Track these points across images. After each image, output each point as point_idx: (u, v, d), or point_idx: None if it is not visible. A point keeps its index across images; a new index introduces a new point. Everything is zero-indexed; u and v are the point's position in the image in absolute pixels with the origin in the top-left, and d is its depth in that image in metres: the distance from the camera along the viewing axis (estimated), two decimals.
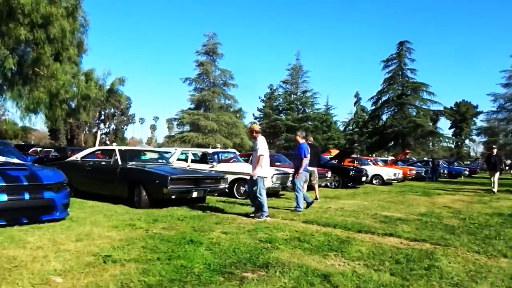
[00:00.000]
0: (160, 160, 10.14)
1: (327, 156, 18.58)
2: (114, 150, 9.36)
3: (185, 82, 34.58)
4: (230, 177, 10.61)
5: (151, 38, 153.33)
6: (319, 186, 13.19)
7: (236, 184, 10.81)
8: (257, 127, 7.76)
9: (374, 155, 43.53)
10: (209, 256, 4.34)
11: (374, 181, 17.74)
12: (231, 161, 12.40)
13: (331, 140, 56.10)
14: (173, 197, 7.86)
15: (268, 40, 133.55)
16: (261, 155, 7.12)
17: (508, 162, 42.41)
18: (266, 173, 7.38)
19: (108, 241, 4.92)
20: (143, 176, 8.30)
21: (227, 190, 10.59)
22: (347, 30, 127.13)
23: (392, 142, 45.47)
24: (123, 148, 9.96)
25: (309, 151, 8.63)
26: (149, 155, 10.57)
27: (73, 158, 10.54)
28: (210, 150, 13.38)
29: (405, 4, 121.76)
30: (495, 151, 15.04)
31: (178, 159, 12.76)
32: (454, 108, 72.76)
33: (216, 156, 12.45)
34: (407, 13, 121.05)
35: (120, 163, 8.81)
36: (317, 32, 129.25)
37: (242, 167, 11.18)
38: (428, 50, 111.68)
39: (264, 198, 7.09)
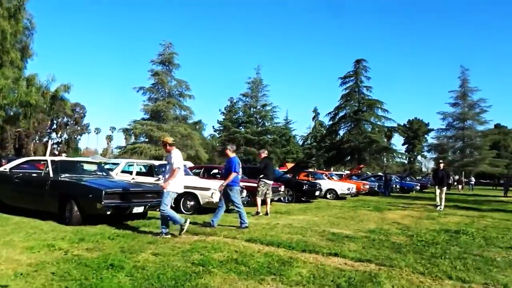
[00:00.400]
0: (99, 173, 9.40)
1: (281, 170, 18.36)
2: (46, 160, 8.57)
3: (139, 91, 33.60)
4: None
5: (108, 47, 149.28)
6: (272, 200, 12.92)
7: (183, 199, 10.25)
8: (170, 139, 7.12)
9: (332, 169, 44.16)
10: (127, 284, 3.80)
11: (328, 196, 17.66)
12: None
13: (290, 153, 56.49)
14: (108, 213, 7.18)
15: (229, 54, 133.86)
16: (178, 168, 6.59)
17: (456, 177, 44.28)
18: (179, 188, 6.82)
19: (13, 266, 4.25)
20: (74, 190, 7.58)
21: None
22: (307, 47, 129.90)
23: (349, 157, 46.33)
24: (56, 158, 9.14)
25: (240, 166, 8.18)
26: (87, 167, 9.79)
27: (1, 169, 9.58)
28: (156, 162, 12.71)
29: (362, 23, 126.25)
30: (442, 165, 15.16)
31: (123, 171, 12.03)
32: (407, 125, 75.69)
33: (163, 169, 11.81)
34: (364, 32, 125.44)
35: (51, 175, 8.03)
36: (278, 47, 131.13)
37: (190, 181, 10.64)
38: (383, 69, 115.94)
39: (169, 210, 6.53)
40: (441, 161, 17.23)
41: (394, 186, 26.21)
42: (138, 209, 7.71)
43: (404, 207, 14.98)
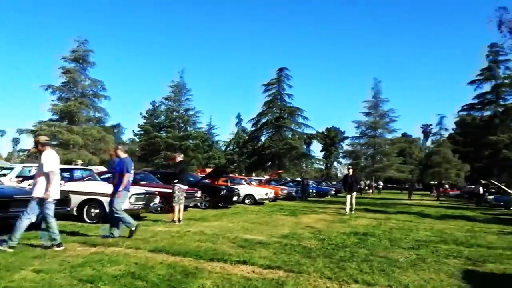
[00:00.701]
0: None
1: (199, 175, 17.92)
2: None
3: (47, 90, 30.76)
4: (79, 198, 9.19)
5: (14, 41, 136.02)
6: (187, 207, 12.45)
7: (87, 206, 9.37)
8: (42, 138, 6.28)
9: (253, 174, 44.61)
10: None
11: (246, 201, 17.55)
12: (85, 179, 10.86)
13: (212, 159, 56.10)
14: None
15: (152, 56, 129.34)
16: (50, 171, 5.80)
17: (368, 182, 47.28)
18: (55, 194, 5.99)
19: None
20: None
21: (75, 213, 9.14)
22: (232, 53, 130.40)
23: (269, 163, 47.19)
24: None
25: (133, 168, 7.58)
26: None
27: None
28: (60, 166, 11.55)
29: (285, 31, 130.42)
30: (351, 171, 15.66)
31: (18, 177, 10.74)
32: (325, 133, 79.26)
33: (67, 174, 10.77)
34: (288, 40, 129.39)
35: None
36: (203, 52, 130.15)
37: (95, 187, 9.80)
38: (304, 78, 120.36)
39: (22, 224, 5.60)
40: (349, 167, 17.86)
41: (310, 191, 27.04)
42: None
43: (319, 211, 15.37)
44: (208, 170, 22.92)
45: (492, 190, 26.97)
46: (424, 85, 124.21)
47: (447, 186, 49.39)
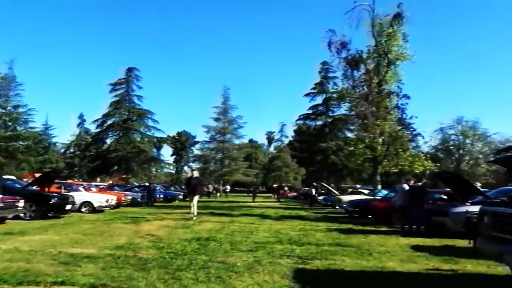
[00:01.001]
0: None
1: (26, 181, 15.54)
2: None
3: None
4: None
5: None
6: (5, 219, 10.60)
7: None
8: None
9: (98, 179, 41.38)
10: None
11: (83, 209, 15.84)
12: None
13: (48, 163, 50.12)
14: None
15: None
16: None
17: (216, 186, 48.62)
18: None
19: None
20: None
21: None
22: (73, 47, 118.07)
23: (116, 167, 44.58)
24: None
25: None
26: None
27: None
28: None
29: (136, 31, 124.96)
30: (195, 173, 15.49)
31: None
32: (176, 137, 78.79)
33: None
34: (138, 40, 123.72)
35: None
36: (39, 42, 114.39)
37: None
38: (155, 80, 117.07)
39: None
40: (193, 169, 17.79)
41: (157, 196, 26.29)
42: None
43: (163, 217, 14.81)
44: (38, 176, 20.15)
45: (322, 191, 30.43)
46: (270, 94, 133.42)
47: (286, 188, 54.23)
